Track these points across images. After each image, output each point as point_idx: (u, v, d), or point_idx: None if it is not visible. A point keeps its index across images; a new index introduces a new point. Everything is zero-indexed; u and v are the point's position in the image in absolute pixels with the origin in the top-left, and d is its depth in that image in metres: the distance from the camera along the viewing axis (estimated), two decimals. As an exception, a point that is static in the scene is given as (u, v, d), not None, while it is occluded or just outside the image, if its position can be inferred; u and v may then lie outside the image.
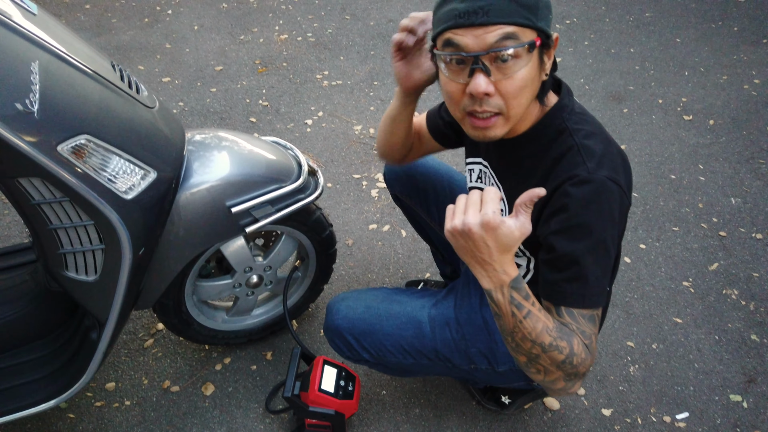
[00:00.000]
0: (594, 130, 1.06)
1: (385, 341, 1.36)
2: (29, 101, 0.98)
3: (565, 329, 0.99)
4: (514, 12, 0.89)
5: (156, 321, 1.90)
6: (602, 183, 0.98)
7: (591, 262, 0.98)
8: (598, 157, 1.01)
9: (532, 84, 0.97)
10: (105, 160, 1.10)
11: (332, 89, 3.07)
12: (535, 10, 0.91)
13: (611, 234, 0.99)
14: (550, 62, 1.00)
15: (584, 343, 0.99)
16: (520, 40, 0.91)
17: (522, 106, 0.99)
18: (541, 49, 0.96)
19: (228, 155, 1.43)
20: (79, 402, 1.67)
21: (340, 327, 1.37)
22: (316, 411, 1.46)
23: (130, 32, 3.59)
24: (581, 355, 0.97)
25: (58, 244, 1.14)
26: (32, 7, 1.09)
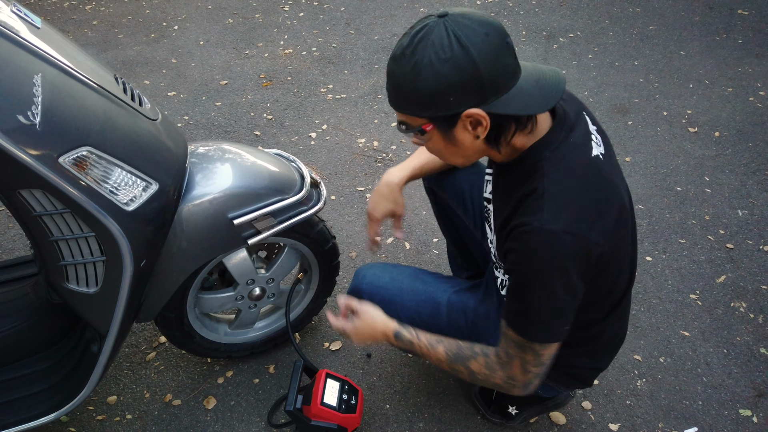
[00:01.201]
0: (571, 171, 1.03)
1: (401, 313, 1.41)
2: (31, 113, 0.98)
3: (461, 356, 1.20)
4: (399, 103, 1.01)
5: (158, 334, 1.89)
6: (552, 236, 0.98)
7: (536, 305, 1.05)
8: (559, 206, 0.99)
9: (446, 151, 1.07)
10: (107, 172, 1.10)
11: (336, 103, 3.09)
12: (416, 102, 0.98)
13: (560, 282, 1.01)
14: (481, 128, 0.99)
15: (493, 363, 1.16)
16: (410, 125, 1.03)
17: (450, 161, 1.11)
18: (443, 129, 1.01)
19: (230, 167, 1.43)
20: (81, 416, 1.66)
21: (362, 291, 1.45)
22: (318, 425, 1.45)
23: (136, 47, 3.63)
24: (483, 372, 1.17)
25: (59, 255, 1.14)
26: (36, 21, 1.10)
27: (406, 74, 0.95)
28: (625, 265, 1.16)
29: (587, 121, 1.12)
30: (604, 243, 1.02)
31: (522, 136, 1.04)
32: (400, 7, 4.12)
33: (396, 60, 0.97)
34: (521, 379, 1.15)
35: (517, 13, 4.01)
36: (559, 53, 3.53)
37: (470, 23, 0.92)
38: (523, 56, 3.49)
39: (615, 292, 1.19)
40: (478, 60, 0.91)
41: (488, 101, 0.95)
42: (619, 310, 1.24)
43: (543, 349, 1.10)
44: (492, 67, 0.93)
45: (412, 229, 2.29)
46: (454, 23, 0.92)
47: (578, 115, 1.10)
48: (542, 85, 0.99)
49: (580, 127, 1.08)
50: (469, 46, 0.91)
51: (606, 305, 1.20)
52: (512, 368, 1.14)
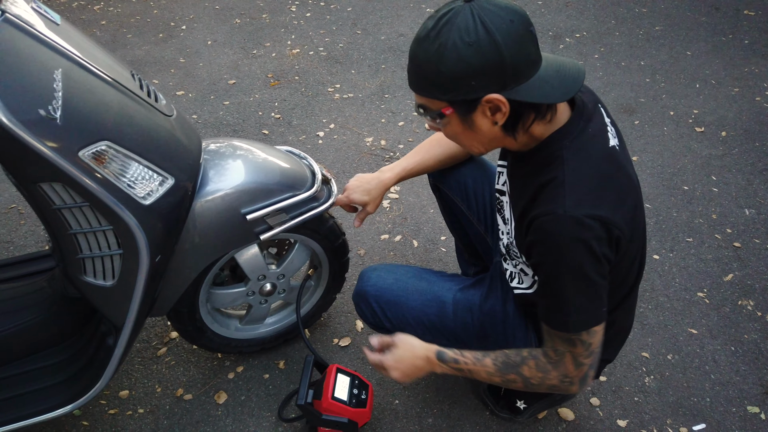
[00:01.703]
0: (590, 161, 1.05)
1: (407, 314, 1.43)
2: (52, 107, 1.00)
3: (510, 363, 1.18)
4: (422, 86, 1.02)
5: (169, 329, 1.91)
6: (577, 221, 0.99)
7: (571, 294, 1.05)
8: (581, 193, 1.01)
9: (464, 136, 1.08)
10: (124, 166, 1.11)
11: (343, 102, 3.10)
12: (438, 85, 0.99)
13: (591, 266, 1.02)
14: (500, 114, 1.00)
15: (544, 364, 1.15)
16: (429, 109, 1.04)
17: (467, 146, 1.11)
18: (461, 113, 1.02)
19: (243, 164, 1.44)
20: (93, 409, 1.68)
21: (367, 293, 1.46)
22: (329, 419, 1.46)
23: (145, 47, 3.65)
24: (537, 375, 1.16)
25: (78, 248, 1.16)
26: (55, 18, 1.12)
27: (430, 56, 0.96)
28: (637, 256, 1.18)
29: (602, 113, 1.13)
30: (625, 228, 1.04)
31: (540, 125, 1.05)
32: (406, 7, 4.14)
33: (420, 42, 0.98)
34: (576, 374, 1.14)
35: (523, 13, 4.02)
36: (565, 53, 3.54)
37: (496, 9, 0.94)
38: (530, 56, 3.50)
39: (625, 284, 1.20)
40: (503, 46, 0.93)
41: (509, 87, 0.97)
42: (628, 303, 1.26)
43: (590, 337, 1.09)
44: (515, 53, 0.94)
45: (420, 227, 2.31)
46: (480, 8, 0.93)
47: (595, 107, 1.12)
48: (563, 75, 1.00)
49: (597, 119, 1.10)
50: (494, 31, 0.92)
51: (616, 297, 1.21)
52: (565, 365, 1.13)
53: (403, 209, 2.39)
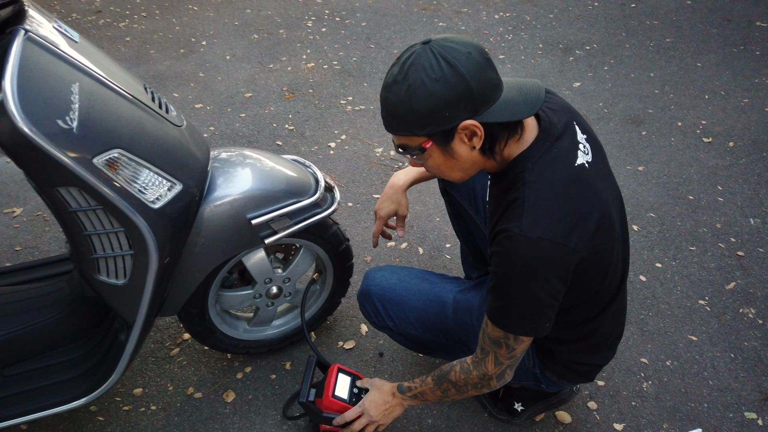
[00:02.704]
0: (552, 183, 1.09)
1: (409, 313, 1.51)
2: (69, 118, 1.09)
3: (443, 373, 1.32)
4: (397, 127, 1.08)
5: (182, 331, 2.00)
6: (530, 242, 1.04)
7: (513, 304, 1.13)
8: (538, 214, 1.06)
9: (445, 165, 1.13)
10: (136, 173, 1.20)
11: (355, 114, 3.19)
12: (413, 122, 1.05)
13: (538, 285, 1.08)
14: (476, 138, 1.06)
15: (467, 366, 1.27)
16: (410, 146, 1.10)
17: (450, 176, 1.17)
18: (441, 143, 1.08)
19: (250, 171, 1.53)
20: (108, 406, 1.77)
21: (371, 293, 1.55)
22: (329, 416, 1.52)
23: (166, 62, 3.80)
24: (461, 378, 1.28)
25: (92, 249, 1.24)
26: (74, 36, 1.22)
27: (402, 98, 1.03)
28: (614, 266, 1.21)
29: (576, 131, 1.17)
30: (583, 249, 1.08)
31: (512, 145, 1.11)
32: (419, 22, 4.23)
33: (389, 87, 1.05)
34: (494, 372, 1.24)
35: (534, 26, 4.08)
36: (575, 65, 3.58)
37: (453, 45, 1.01)
38: (539, 69, 3.56)
39: (605, 292, 1.24)
40: (467, 75, 0.99)
41: (479, 112, 1.03)
42: (612, 308, 1.30)
43: (517, 344, 1.18)
44: (479, 80, 1.01)
45: (426, 234, 2.37)
46: (439, 47, 1.01)
47: (567, 126, 1.16)
48: (525, 93, 1.06)
49: (567, 138, 1.14)
50: (456, 64, 0.99)
51: (597, 304, 1.26)
52: (486, 365, 1.23)
53: (410, 218, 2.45)
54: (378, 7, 4.50)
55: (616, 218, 1.21)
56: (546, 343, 1.38)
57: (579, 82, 3.40)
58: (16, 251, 2.35)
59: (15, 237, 2.43)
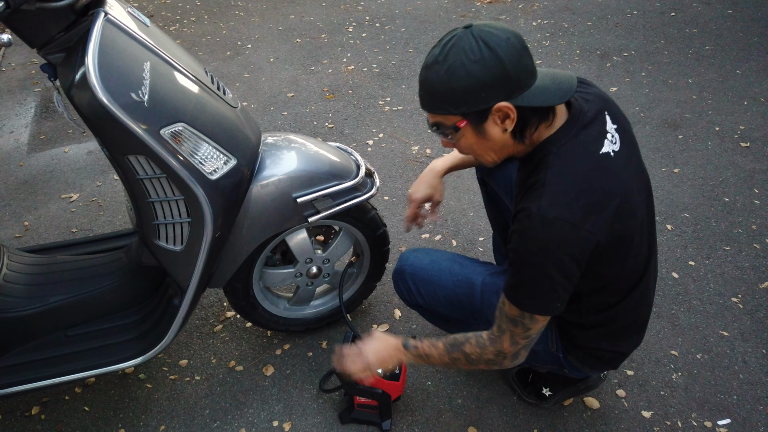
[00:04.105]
0: (574, 168, 1.14)
1: (439, 292, 1.56)
2: (141, 92, 1.21)
3: (456, 343, 1.33)
4: (435, 105, 1.13)
5: (225, 310, 2.10)
6: (547, 221, 1.10)
7: (528, 282, 1.17)
8: (557, 195, 1.11)
9: (478, 146, 1.18)
10: (196, 146, 1.31)
11: (393, 114, 3.28)
12: (451, 101, 1.10)
13: (552, 264, 1.13)
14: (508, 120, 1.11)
15: (484, 341, 1.29)
16: (445, 125, 1.15)
17: (481, 156, 1.21)
18: (475, 124, 1.13)
19: (296, 154, 1.63)
20: (156, 374, 1.88)
21: (405, 271, 1.61)
22: (364, 388, 1.59)
23: (214, 63, 3.97)
24: (476, 351, 1.30)
25: (154, 215, 1.36)
26: (146, 21, 1.35)
27: (441, 77, 1.08)
28: (635, 254, 1.25)
29: (606, 120, 1.22)
30: (599, 233, 1.13)
31: (542, 130, 1.16)
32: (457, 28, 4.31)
33: (429, 67, 1.11)
34: (510, 351, 1.27)
35: (572, 33, 4.12)
36: (612, 71, 3.61)
37: (494, 30, 1.07)
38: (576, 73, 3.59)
39: (625, 279, 1.28)
40: (505, 60, 1.06)
41: (514, 96, 1.09)
42: (634, 296, 1.32)
43: (532, 323, 1.22)
44: (516, 65, 1.07)
45: (459, 228, 2.43)
46: (479, 31, 1.07)
47: (597, 114, 1.21)
48: (558, 81, 1.13)
49: (596, 126, 1.19)
50: (495, 47, 1.06)
51: (618, 290, 1.30)
52: (502, 342, 1.27)
53: (444, 211, 2.52)
54: (417, 13, 4.61)
55: (641, 208, 1.24)
56: (568, 329, 1.42)
57: (616, 87, 3.43)
58: (73, 233, 2.51)
59: (72, 220, 2.59)
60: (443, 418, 1.72)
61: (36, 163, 3.01)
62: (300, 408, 1.76)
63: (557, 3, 4.64)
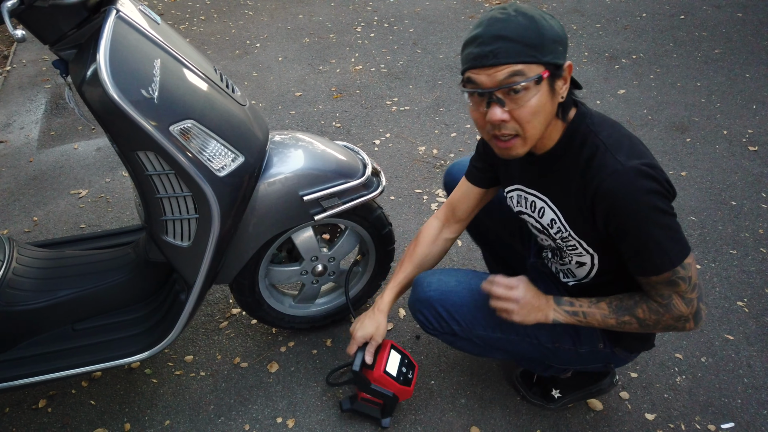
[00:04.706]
0: (614, 128, 1.21)
1: (477, 313, 1.43)
2: (151, 89, 1.22)
3: (624, 306, 1.26)
4: (520, 52, 1.06)
5: (230, 307, 2.12)
6: (637, 170, 1.12)
7: (659, 233, 1.13)
8: (625, 149, 1.15)
9: (544, 109, 1.13)
10: (205, 142, 1.32)
11: (400, 114, 3.29)
12: (540, 47, 1.07)
13: (663, 202, 1.13)
14: (566, 86, 1.15)
15: (656, 307, 1.22)
16: (527, 75, 1.08)
17: (537, 128, 1.15)
18: (551, 79, 1.12)
19: (303, 152, 1.64)
20: (162, 369, 1.89)
21: (431, 298, 1.45)
22: (376, 389, 1.58)
23: (222, 62, 3.99)
24: (652, 317, 1.23)
25: (162, 211, 1.37)
26: (157, 19, 1.36)
27: (523, 24, 1.06)
28: None
29: None
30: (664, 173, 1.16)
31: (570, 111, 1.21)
32: (465, 29, 4.32)
33: (504, 20, 1.07)
34: (689, 312, 1.21)
35: (580, 35, 4.11)
36: (620, 73, 3.60)
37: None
38: (584, 76, 3.59)
39: None
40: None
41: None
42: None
43: (687, 271, 1.17)
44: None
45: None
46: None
47: None
48: None
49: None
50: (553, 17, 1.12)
51: None
52: (677, 307, 1.20)
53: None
54: (425, 14, 4.61)
55: None
56: None
57: (624, 90, 3.42)
58: (81, 228, 2.53)
59: (80, 215, 2.61)
60: (446, 417, 1.72)
61: (46, 159, 3.03)
62: (304, 405, 1.77)
63: (566, 5, 4.64)
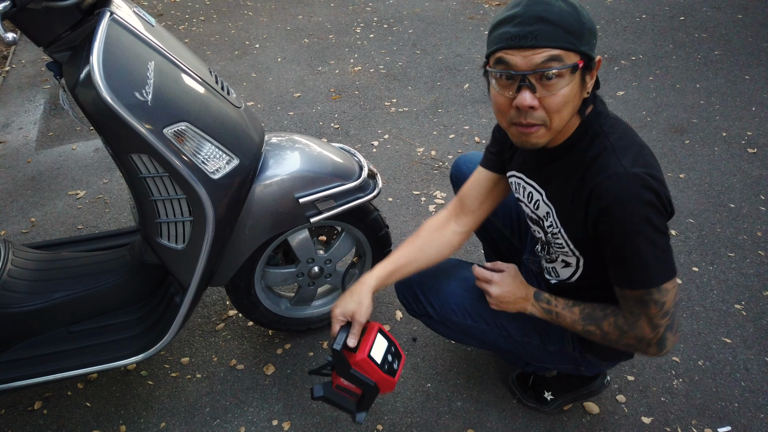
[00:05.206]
0: (627, 132, 1.19)
1: (450, 299, 1.49)
2: (145, 92, 1.22)
3: (594, 315, 1.27)
4: (560, 37, 1.03)
5: (227, 308, 2.11)
6: (638, 177, 1.09)
7: (645, 247, 1.11)
8: (632, 155, 1.13)
9: (573, 100, 1.10)
10: (199, 145, 1.32)
11: (399, 115, 3.29)
12: (580, 35, 1.05)
13: (657, 217, 1.10)
14: (592, 81, 1.14)
15: (622, 323, 1.21)
16: (564, 62, 1.04)
17: (563, 120, 1.12)
18: (583, 71, 1.09)
19: (299, 154, 1.63)
20: (158, 372, 1.89)
21: (412, 281, 1.54)
22: (355, 375, 1.33)
23: (221, 62, 3.99)
24: (615, 332, 1.23)
25: (156, 213, 1.37)
26: (151, 20, 1.36)
27: (567, 11, 1.03)
28: None
29: None
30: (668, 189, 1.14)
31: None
32: (465, 30, 4.31)
33: (542, 2, 1.03)
34: (652, 336, 1.18)
35: (580, 37, 4.11)
36: (619, 74, 3.60)
37: None
38: (583, 77, 3.58)
39: None
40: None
41: None
42: None
43: (662, 296, 1.14)
44: None
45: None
46: None
47: None
48: None
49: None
50: None
51: None
52: (641, 327, 1.18)
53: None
54: (425, 15, 4.61)
55: None
56: None
57: (623, 91, 3.42)
58: (79, 229, 2.53)
59: (78, 216, 2.61)
60: (442, 420, 1.72)
61: (44, 160, 3.03)
62: (300, 407, 1.77)
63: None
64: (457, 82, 3.62)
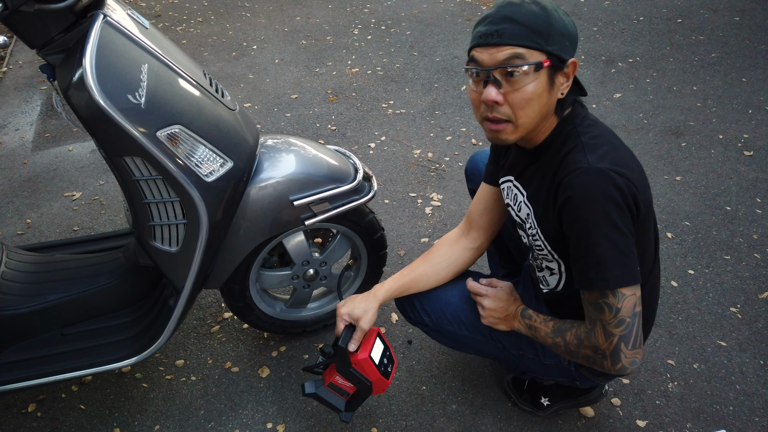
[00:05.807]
0: (602, 133, 1.19)
1: (445, 309, 1.51)
2: (138, 94, 1.22)
3: (561, 328, 1.28)
4: (525, 36, 1.08)
5: (222, 311, 2.11)
6: (601, 172, 1.10)
7: (603, 245, 1.11)
8: (600, 152, 1.14)
9: (540, 99, 1.13)
10: (193, 148, 1.32)
11: (396, 117, 3.29)
12: (546, 35, 1.08)
13: (618, 215, 1.09)
14: (567, 83, 1.16)
15: (581, 332, 1.22)
16: (527, 60, 1.08)
17: (530, 117, 1.14)
18: (551, 70, 1.12)
19: (294, 156, 1.63)
20: (152, 374, 1.89)
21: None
22: (355, 373, 1.44)
23: (219, 64, 3.99)
24: (574, 342, 1.24)
25: (150, 216, 1.36)
26: (145, 23, 1.35)
27: (536, 12, 1.08)
28: (652, 233, 1.26)
29: None
30: (642, 189, 1.14)
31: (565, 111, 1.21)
32: (462, 32, 4.31)
33: (513, 4, 1.09)
34: (606, 347, 1.16)
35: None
36: (616, 77, 3.60)
37: None
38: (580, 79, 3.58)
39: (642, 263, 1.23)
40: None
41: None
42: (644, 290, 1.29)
43: (618, 301, 1.13)
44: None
45: (459, 232, 2.43)
46: None
47: None
48: None
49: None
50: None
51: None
52: (596, 335, 1.18)
53: (444, 216, 2.52)
54: (423, 17, 4.61)
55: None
56: None
57: (620, 93, 3.42)
58: (74, 230, 2.53)
59: (73, 218, 2.60)
60: (437, 423, 1.72)
61: (40, 161, 3.03)
62: (294, 410, 1.76)
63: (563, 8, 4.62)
64: (455, 84, 3.62)
